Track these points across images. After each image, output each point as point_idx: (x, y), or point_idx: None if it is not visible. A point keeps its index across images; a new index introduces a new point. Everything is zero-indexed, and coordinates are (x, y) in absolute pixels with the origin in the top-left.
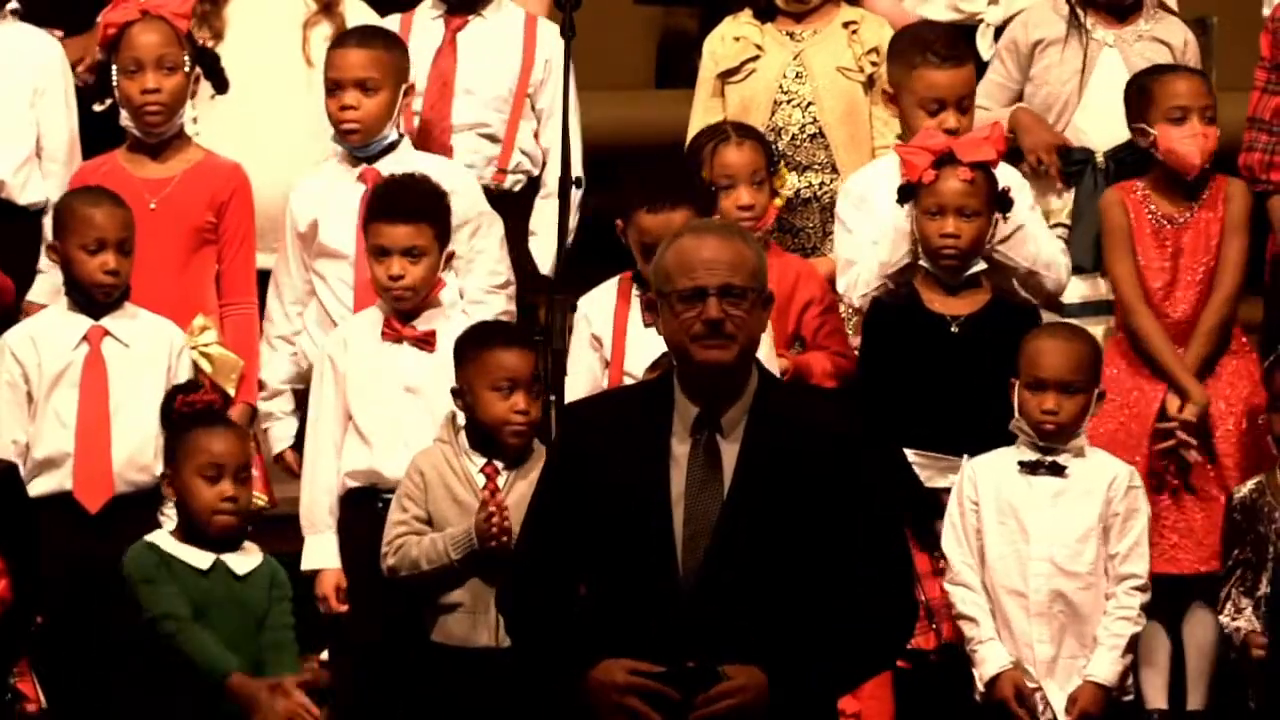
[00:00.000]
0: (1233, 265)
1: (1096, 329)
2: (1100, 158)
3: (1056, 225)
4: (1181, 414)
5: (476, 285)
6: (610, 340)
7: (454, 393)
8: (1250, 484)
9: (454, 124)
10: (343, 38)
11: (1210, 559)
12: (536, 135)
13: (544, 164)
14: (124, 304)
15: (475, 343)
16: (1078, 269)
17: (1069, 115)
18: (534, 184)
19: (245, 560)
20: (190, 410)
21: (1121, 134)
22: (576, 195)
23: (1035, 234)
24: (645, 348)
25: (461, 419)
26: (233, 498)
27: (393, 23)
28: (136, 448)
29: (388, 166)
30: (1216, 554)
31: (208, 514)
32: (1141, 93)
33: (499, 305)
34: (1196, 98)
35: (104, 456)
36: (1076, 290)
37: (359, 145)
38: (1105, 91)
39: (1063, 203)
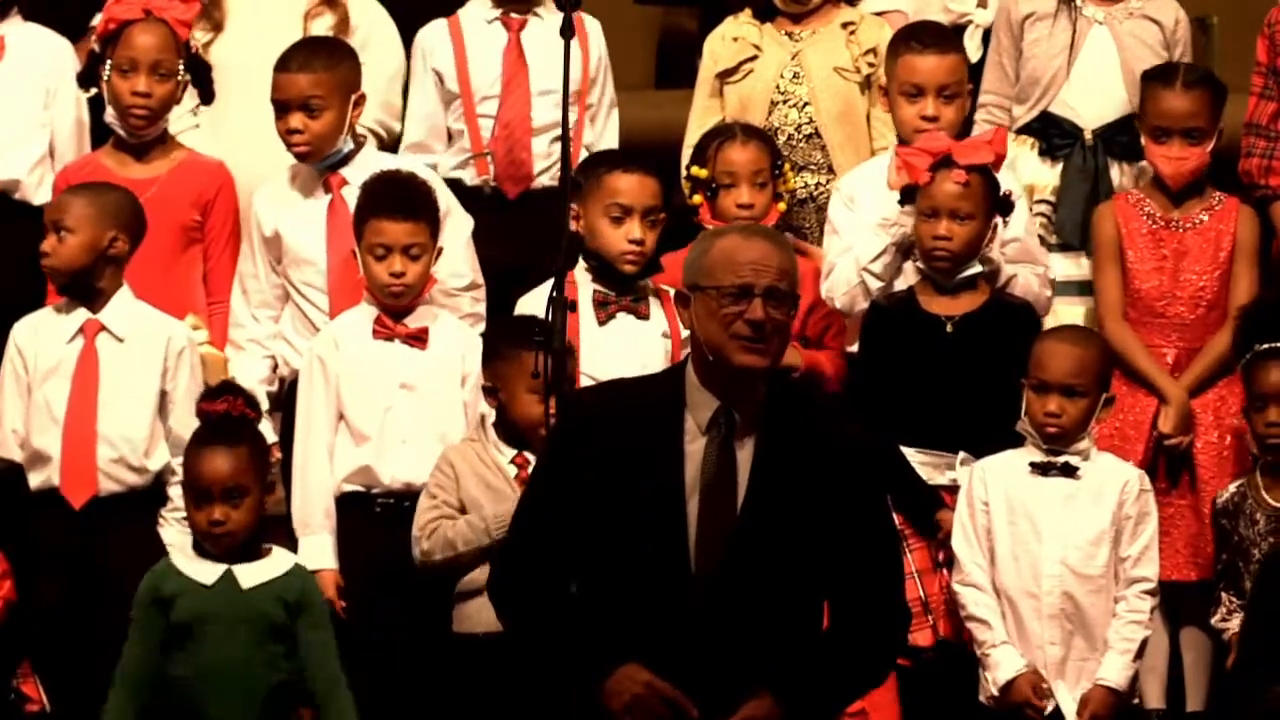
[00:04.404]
0: (1245, 292)
1: (1078, 309)
2: (1089, 135)
3: (1041, 201)
4: (1164, 428)
5: (438, 286)
6: None
7: (485, 390)
8: (1232, 487)
9: (534, 127)
10: (284, 59)
11: (1184, 568)
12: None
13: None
14: (126, 298)
15: (511, 341)
16: (1065, 246)
17: (1055, 91)
18: None
19: (257, 571)
20: (204, 418)
21: (1110, 112)
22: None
23: (1026, 280)
24: (599, 348)
25: (492, 415)
26: (219, 521)
27: (440, 27)
28: (125, 446)
29: (353, 173)
30: (1190, 563)
31: (200, 536)
32: (1142, 97)
33: (465, 308)
34: (1183, 119)
35: (89, 452)
36: (1060, 268)
37: (313, 164)
38: (1094, 69)
39: (1049, 179)
